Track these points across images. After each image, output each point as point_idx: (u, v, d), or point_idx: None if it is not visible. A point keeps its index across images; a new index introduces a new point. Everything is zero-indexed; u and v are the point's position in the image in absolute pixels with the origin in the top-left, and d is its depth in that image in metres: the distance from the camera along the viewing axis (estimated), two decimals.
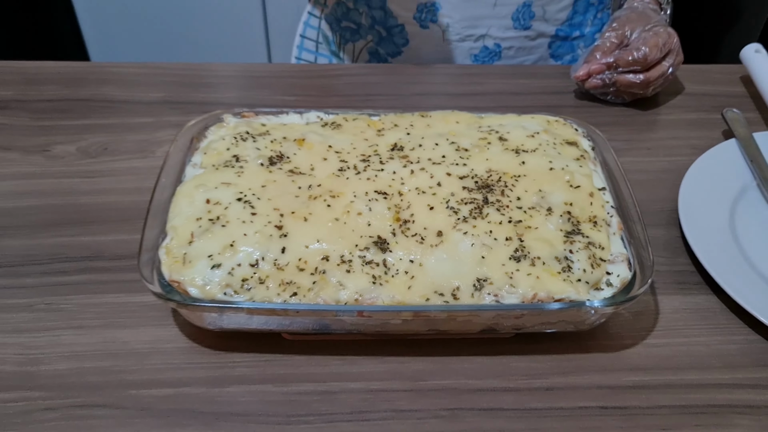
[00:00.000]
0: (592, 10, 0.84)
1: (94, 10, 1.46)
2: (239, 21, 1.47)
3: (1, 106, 0.69)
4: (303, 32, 0.91)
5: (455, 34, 0.81)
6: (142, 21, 1.47)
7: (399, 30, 0.82)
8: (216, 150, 0.54)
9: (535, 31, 0.82)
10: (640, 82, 0.69)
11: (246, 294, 0.45)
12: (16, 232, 0.56)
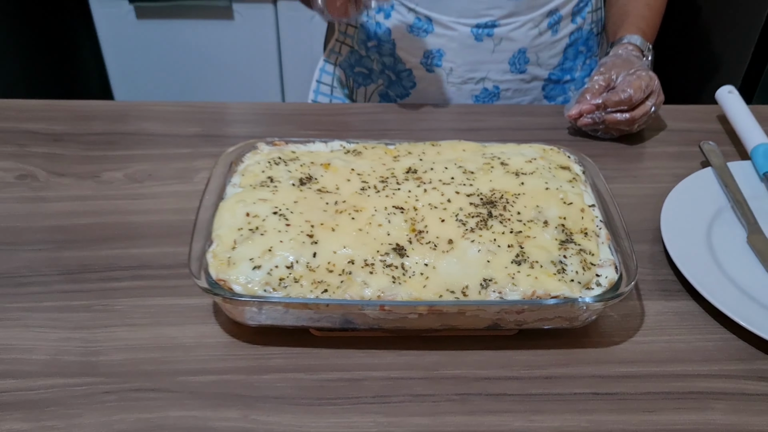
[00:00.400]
0: (581, 57, 0.93)
1: (120, 55, 1.55)
2: (256, 70, 1.57)
3: (56, 138, 0.77)
4: (319, 78, 1.00)
5: (458, 77, 0.89)
6: (164, 67, 1.56)
7: (407, 74, 0.91)
8: (252, 172, 0.62)
9: (530, 74, 0.91)
10: (626, 120, 0.77)
11: (283, 291, 0.51)
12: (73, 245, 0.63)
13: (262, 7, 1.49)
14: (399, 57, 0.90)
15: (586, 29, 0.93)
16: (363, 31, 0.91)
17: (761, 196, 0.69)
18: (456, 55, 0.88)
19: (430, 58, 0.89)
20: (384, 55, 0.90)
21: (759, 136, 0.73)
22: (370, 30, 0.91)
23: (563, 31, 0.90)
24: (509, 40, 0.87)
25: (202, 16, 1.49)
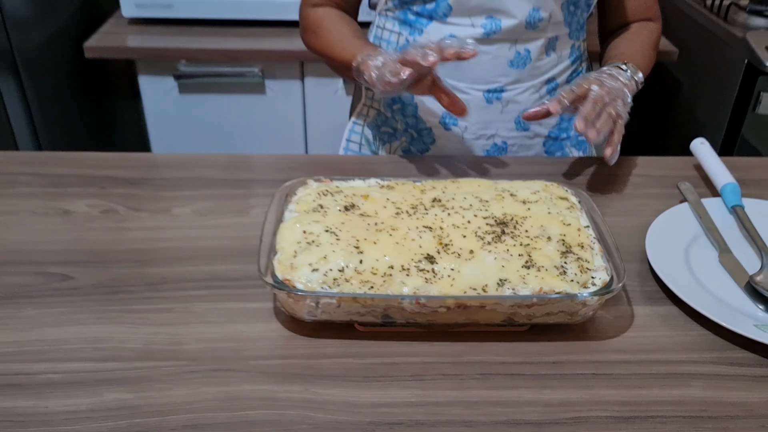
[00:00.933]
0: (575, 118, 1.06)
1: (163, 125, 1.71)
2: (284, 137, 1.73)
3: (132, 182, 0.89)
4: (348, 137, 1.13)
5: (471, 134, 1.02)
6: (201, 135, 1.71)
7: (428, 132, 1.04)
8: (305, 201, 0.74)
9: (532, 132, 1.04)
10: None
11: (336, 288, 0.62)
12: (152, 263, 0.74)
13: (291, 83, 1.65)
14: (420, 117, 1.03)
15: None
16: (390, 98, 1.05)
17: (730, 225, 0.81)
18: (470, 116, 1.01)
19: (448, 118, 1.02)
20: (407, 116, 1.04)
21: (727, 177, 0.86)
22: (395, 98, 1.04)
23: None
24: (515, 102, 1.01)
25: (237, 91, 1.66)
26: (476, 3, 0.92)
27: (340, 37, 0.96)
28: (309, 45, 1.03)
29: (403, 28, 1.00)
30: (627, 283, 0.73)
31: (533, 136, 1.04)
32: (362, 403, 0.58)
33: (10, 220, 0.81)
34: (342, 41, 0.95)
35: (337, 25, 0.98)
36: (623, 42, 1.03)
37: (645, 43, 1.02)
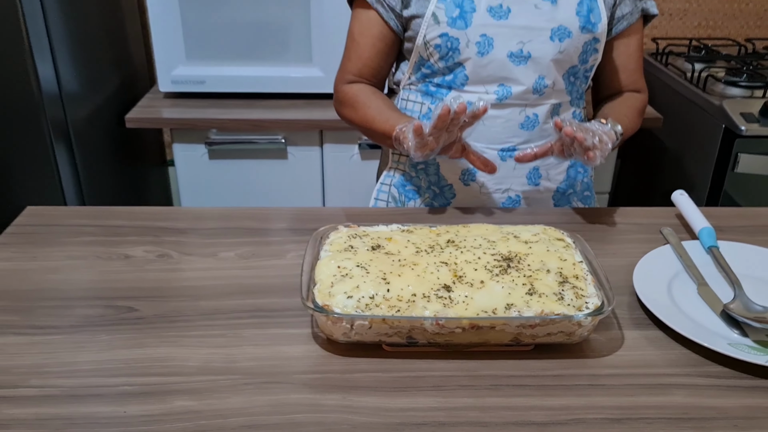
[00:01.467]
0: (579, 175, 1.17)
1: (193, 188, 1.84)
2: (304, 199, 1.85)
3: (182, 231, 1.01)
4: (376, 196, 1.24)
5: (488, 189, 1.13)
6: (228, 196, 1.84)
7: (449, 188, 1.15)
8: (337, 243, 0.84)
9: (542, 186, 1.15)
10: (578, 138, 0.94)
11: (368, 311, 0.72)
12: (205, 298, 0.84)
13: (311, 149, 1.79)
14: (442, 175, 1.15)
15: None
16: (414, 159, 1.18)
17: (707, 263, 0.91)
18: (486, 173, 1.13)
19: (467, 175, 1.14)
20: (430, 174, 1.16)
21: (703, 222, 0.96)
22: None
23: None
24: None
25: (262, 157, 1.79)
26: (489, 73, 1.06)
27: (377, 110, 1.08)
28: (346, 117, 1.16)
29: (425, 99, 1.13)
30: (617, 311, 0.83)
31: (543, 190, 1.15)
32: (392, 408, 0.67)
33: (81, 263, 0.92)
34: (380, 114, 1.07)
35: (373, 99, 1.10)
36: (610, 105, 1.16)
37: (630, 107, 1.15)
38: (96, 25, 1.81)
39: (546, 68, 1.06)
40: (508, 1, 1.03)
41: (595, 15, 1.06)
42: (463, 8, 1.03)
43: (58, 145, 1.58)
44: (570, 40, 1.05)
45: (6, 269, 0.90)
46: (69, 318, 0.80)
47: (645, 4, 1.13)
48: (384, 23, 1.10)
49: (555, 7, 1.04)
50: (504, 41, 1.05)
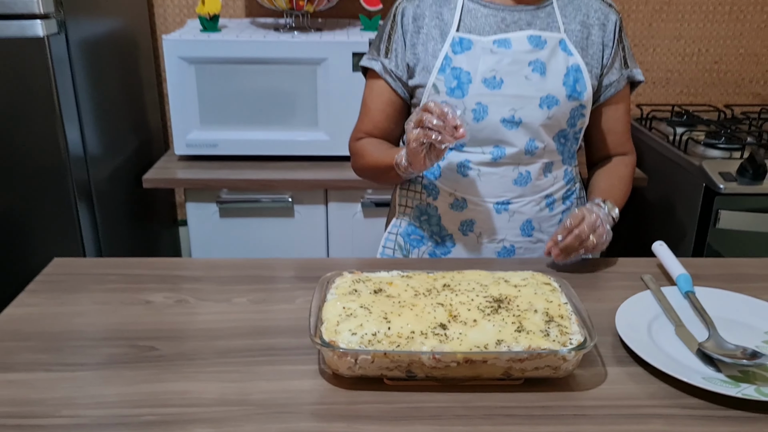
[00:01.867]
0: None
1: (204, 244, 1.91)
2: (309, 254, 1.92)
3: (197, 279, 1.07)
4: (384, 244, 1.31)
5: (485, 239, 1.21)
6: (237, 252, 1.91)
7: (449, 238, 1.23)
8: (342, 287, 0.91)
9: (535, 237, 1.22)
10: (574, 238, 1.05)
11: (371, 347, 0.78)
12: (220, 338, 0.90)
13: (316, 208, 1.87)
14: (443, 226, 1.23)
15: (574, 209, 1.26)
16: (418, 210, 1.25)
17: (684, 307, 0.97)
18: (483, 223, 1.20)
19: (466, 226, 1.21)
20: (432, 225, 1.23)
21: (680, 270, 1.03)
22: (422, 209, 1.25)
23: (557, 208, 1.23)
24: (520, 213, 1.20)
25: (270, 215, 1.87)
26: (485, 136, 1.15)
27: (381, 151, 1.18)
28: (357, 166, 1.25)
29: None
30: (601, 350, 0.88)
31: (536, 241, 1.23)
32: None
33: (105, 308, 0.98)
34: (380, 152, 1.17)
35: (377, 144, 1.21)
36: (604, 176, 1.24)
37: (621, 178, 1.24)
38: (118, 94, 1.92)
39: (536, 132, 1.16)
40: (501, 73, 1.13)
41: (580, 84, 1.16)
42: (460, 80, 1.13)
43: (81, 203, 1.66)
44: (558, 107, 1.15)
45: (36, 313, 0.97)
46: (95, 356, 0.86)
47: (631, 72, 1.23)
48: (392, 91, 1.20)
49: (543, 78, 1.14)
50: (497, 108, 1.14)
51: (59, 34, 1.54)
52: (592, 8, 1.19)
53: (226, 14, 2.24)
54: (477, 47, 1.13)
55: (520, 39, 1.14)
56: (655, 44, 2.36)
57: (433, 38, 1.16)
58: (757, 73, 2.42)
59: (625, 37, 1.22)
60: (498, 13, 1.15)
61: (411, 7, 1.18)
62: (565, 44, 1.15)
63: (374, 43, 1.22)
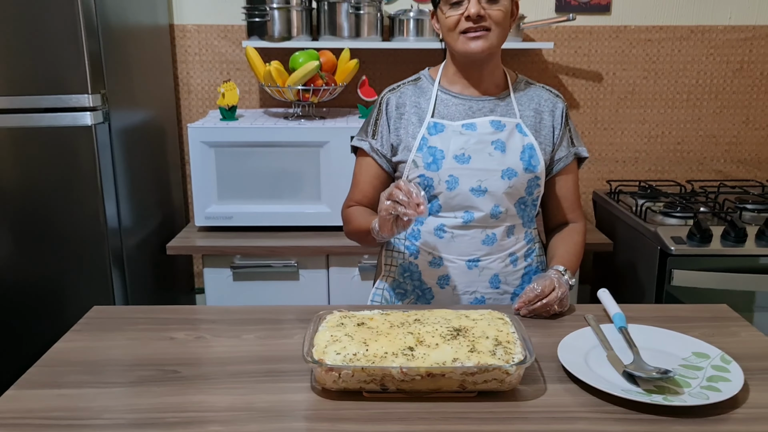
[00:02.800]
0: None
1: (218, 298, 2.08)
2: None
3: (213, 321, 1.26)
4: (372, 299, 1.49)
5: (459, 291, 1.38)
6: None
7: (429, 290, 1.40)
8: (332, 321, 1.09)
9: (502, 290, 1.39)
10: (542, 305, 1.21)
11: (351, 364, 0.95)
12: (231, 364, 1.07)
13: (319, 272, 2.06)
14: (424, 281, 1.40)
15: (534, 265, 1.44)
16: (401, 268, 1.43)
17: (617, 339, 1.13)
18: (457, 278, 1.38)
19: (443, 280, 1.39)
20: (414, 280, 1.41)
21: (616, 309, 1.20)
22: (405, 266, 1.43)
23: (520, 264, 1.40)
24: (488, 269, 1.38)
25: (278, 278, 2.06)
26: (457, 203, 1.34)
27: (362, 218, 1.36)
28: (346, 231, 1.44)
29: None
30: (544, 372, 1.04)
31: (503, 293, 1.40)
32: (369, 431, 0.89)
33: (136, 342, 1.16)
34: (363, 219, 1.35)
35: (362, 211, 1.39)
36: (562, 244, 1.42)
37: (576, 244, 1.42)
38: (148, 174, 2.17)
39: (500, 199, 1.35)
40: (469, 151, 1.34)
41: (534, 160, 1.36)
42: (435, 156, 1.34)
43: (115, 269, 1.87)
44: (517, 178, 1.35)
45: (80, 346, 1.15)
46: (128, 377, 1.04)
47: (577, 150, 1.44)
48: (378, 166, 1.41)
49: (504, 155, 1.35)
50: (467, 179, 1.34)
51: (104, 123, 1.79)
52: (543, 98, 1.41)
53: (243, 105, 2.52)
54: (449, 130, 1.35)
55: (484, 123, 1.36)
56: (622, 128, 2.61)
57: (412, 123, 1.38)
58: (717, 153, 2.64)
59: (571, 121, 1.44)
60: (465, 102, 1.38)
61: (394, 98, 1.41)
62: (520, 127, 1.37)
63: (363, 127, 1.45)
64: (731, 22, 2.49)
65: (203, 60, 2.49)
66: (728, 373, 1.01)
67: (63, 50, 1.71)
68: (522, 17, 2.32)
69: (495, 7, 1.27)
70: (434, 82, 1.40)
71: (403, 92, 1.41)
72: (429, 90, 1.40)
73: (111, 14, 1.89)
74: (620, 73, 2.54)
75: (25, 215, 1.83)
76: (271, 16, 2.19)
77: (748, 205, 2.08)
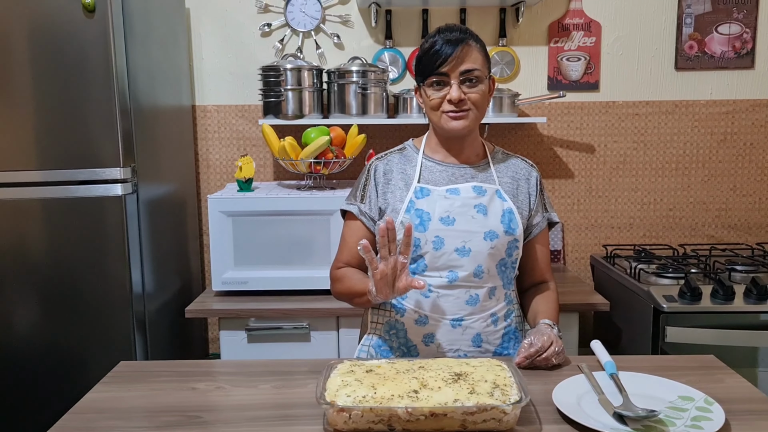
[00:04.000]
0: (512, 341, 1.48)
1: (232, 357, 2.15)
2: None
3: (232, 373, 1.33)
4: (357, 355, 1.56)
5: (443, 349, 1.43)
6: None
7: (414, 348, 1.46)
8: (342, 369, 1.16)
9: (484, 348, 1.43)
10: (543, 359, 1.30)
11: (361, 404, 1.03)
12: (250, 410, 1.15)
13: (329, 333, 2.13)
14: (409, 339, 1.46)
15: (513, 325, 1.50)
16: (387, 325, 1.50)
17: (609, 385, 1.20)
18: (441, 336, 1.45)
19: (428, 338, 1.45)
20: (400, 338, 1.47)
21: (607, 357, 1.28)
22: (392, 324, 1.50)
23: (500, 324, 1.46)
24: (471, 328, 1.44)
25: (290, 340, 2.13)
26: (442, 262, 1.43)
27: (356, 279, 1.44)
28: (335, 291, 1.51)
29: None
30: (540, 415, 1.11)
31: (485, 351, 1.45)
32: None
33: (161, 392, 1.24)
34: (356, 280, 1.42)
35: (354, 273, 1.47)
36: (544, 301, 1.49)
37: (555, 301, 1.50)
38: (169, 242, 2.29)
39: (483, 259, 1.43)
40: (454, 213, 1.44)
41: (513, 223, 1.45)
42: (422, 219, 1.43)
43: (138, 332, 1.95)
44: (498, 240, 1.44)
45: (108, 397, 1.23)
46: (155, 421, 1.11)
47: (549, 215, 1.54)
48: (366, 229, 1.50)
49: (486, 218, 1.44)
50: (452, 240, 1.43)
51: (132, 194, 1.93)
52: (519, 167, 1.53)
53: (258, 178, 2.66)
54: (434, 194, 1.45)
55: (467, 188, 1.46)
56: (616, 195, 2.72)
57: (399, 188, 1.48)
58: (708, 219, 2.74)
59: (544, 189, 1.55)
60: (449, 169, 1.49)
61: (381, 165, 1.52)
62: (500, 193, 1.47)
63: (352, 192, 1.54)
64: (712, 97, 2.65)
65: (222, 137, 2.66)
66: (711, 413, 1.08)
67: (99, 127, 1.88)
68: (516, 95, 2.49)
69: (473, 91, 1.40)
70: (419, 151, 1.52)
71: (390, 160, 1.52)
72: (414, 158, 1.51)
73: (142, 96, 2.06)
74: (611, 145, 2.69)
75: (54, 279, 1.93)
76: (285, 96, 2.37)
77: (738, 266, 2.16)
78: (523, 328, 1.54)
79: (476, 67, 1.39)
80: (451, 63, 1.37)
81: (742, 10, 2.57)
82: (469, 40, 1.40)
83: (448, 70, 1.38)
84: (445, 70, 1.38)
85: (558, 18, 2.61)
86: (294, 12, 2.56)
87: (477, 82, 1.40)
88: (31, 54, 1.87)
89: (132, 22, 1.98)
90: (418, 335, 1.45)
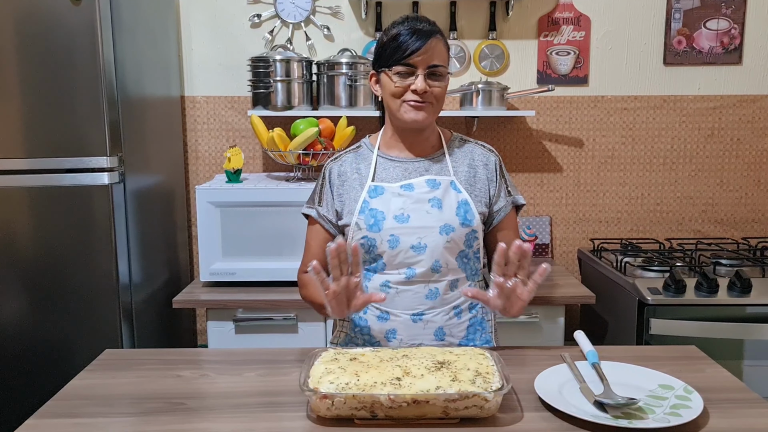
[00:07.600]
0: (478, 332, 1.47)
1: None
2: None
3: (217, 361, 1.34)
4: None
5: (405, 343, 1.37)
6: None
7: (378, 344, 1.38)
8: (326, 356, 1.17)
9: (447, 341, 1.42)
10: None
11: (344, 391, 1.04)
12: (234, 397, 1.16)
13: (317, 325, 2.14)
14: (372, 335, 1.45)
15: (480, 316, 1.49)
16: (352, 323, 1.48)
17: (591, 374, 1.22)
18: (403, 331, 1.43)
19: (390, 334, 1.44)
20: (364, 335, 1.46)
21: (589, 347, 1.29)
22: (356, 321, 1.48)
23: (464, 317, 1.46)
24: (433, 321, 1.43)
25: (278, 331, 2.14)
26: (399, 260, 1.42)
27: (315, 289, 1.38)
28: (301, 295, 1.51)
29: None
30: (522, 402, 1.12)
31: (448, 344, 1.44)
32: None
33: (146, 379, 1.24)
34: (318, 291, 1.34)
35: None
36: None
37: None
38: (158, 234, 2.28)
39: (440, 254, 1.42)
40: (408, 210, 1.43)
41: (469, 214, 1.44)
42: (376, 218, 1.42)
43: (125, 323, 1.95)
44: (454, 233, 1.42)
45: (93, 383, 1.23)
46: (139, 408, 1.12)
47: (514, 198, 1.52)
48: (326, 231, 1.50)
49: (441, 211, 1.43)
50: (407, 238, 1.42)
51: (119, 183, 1.93)
52: (476, 153, 1.51)
53: (247, 170, 2.66)
54: (388, 192, 1.44)
55: (420, 183, 1.45)
56: (604, 190, 2.74)
57: (354, 188, 1.47)
58: (694, 213, 2.77)
59: (506, 172, 1.53)
60: (402, 165, 1.48)
61: (336, 167, 1.52)
62: (455, 184, 1.46)
63: (311, 196, 1.54)
64: (700, 92, 2.67)
65: (211, 128, 2.65)
66: (690, 401, 1.09)
67: (85, 116, 1.87)
68: (506, 88, 2.50)
69: (437, 85, 1.40)
70: (374, 148, 1.51)
71: (344, 161, 1.52)
72: (369, 156, 1.51)
73: (129, 86, 2.06)
74: (600, 139, 2.70)
75: (41, 267, 1.93)
76: (274, 87, 2.37)
77: (722, 260, 2.18)
78: (493, 317, 1.53)
79: (443, 63, 1.41)
80: (422, 56, 1.37)
81: (731, 5, 2.58)
82: (437, 35, 1.40)
83: (417, 62, 1.38)
84: (414, 61, 1.38)
85: (548, 12, 2.62)
86: (284, 3, 2.55)
87: (441, 77, 1.41)
88: (17, 43, 1.86)
89: (120, 11, 1.97)
90: (380, 332, 1.45)
